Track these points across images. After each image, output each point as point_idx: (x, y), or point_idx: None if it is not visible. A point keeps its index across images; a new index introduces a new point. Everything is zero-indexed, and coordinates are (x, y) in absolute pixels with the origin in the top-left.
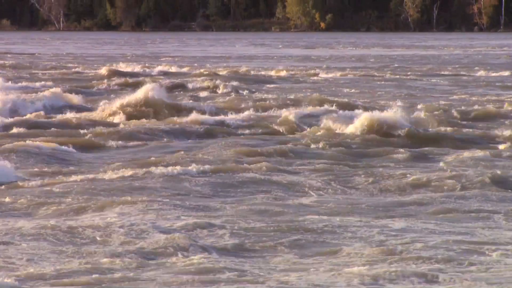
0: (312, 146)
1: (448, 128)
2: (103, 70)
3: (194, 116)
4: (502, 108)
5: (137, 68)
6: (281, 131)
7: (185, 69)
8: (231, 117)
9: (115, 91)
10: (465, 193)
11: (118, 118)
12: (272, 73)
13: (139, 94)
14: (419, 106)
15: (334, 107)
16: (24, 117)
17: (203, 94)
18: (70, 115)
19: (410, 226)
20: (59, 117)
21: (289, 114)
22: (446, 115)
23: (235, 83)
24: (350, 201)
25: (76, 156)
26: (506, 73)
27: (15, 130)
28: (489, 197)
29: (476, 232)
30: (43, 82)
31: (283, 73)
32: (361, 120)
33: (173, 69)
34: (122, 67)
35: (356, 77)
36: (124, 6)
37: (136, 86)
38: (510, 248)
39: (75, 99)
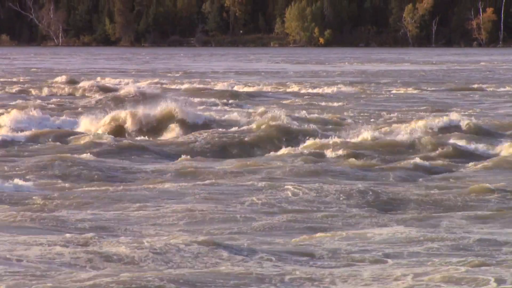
0: (306, 158)
1: (450, 141)
2: (86, 83)
3: (192, 129)
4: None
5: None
6: (276, 142)
7: (183, 84)
8: (228, 129)
9: (100, 106)
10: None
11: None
12: (270, 88)
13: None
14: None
15: (327, 121)
16: (17, 134)
17: (199, 107)
18: (63, 130)
19: (393, 234)
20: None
21: (286, 126)
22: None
23: (231, 97)
24: (336, 212)
25: (75, 166)
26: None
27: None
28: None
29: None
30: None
31: (281, 88)
32: (352, 133)
33: (171, 85)
34: (115, 81)
35: (353, 91)
36: (123, 22)
37: (131, 100)
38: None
39: (64, 114)
